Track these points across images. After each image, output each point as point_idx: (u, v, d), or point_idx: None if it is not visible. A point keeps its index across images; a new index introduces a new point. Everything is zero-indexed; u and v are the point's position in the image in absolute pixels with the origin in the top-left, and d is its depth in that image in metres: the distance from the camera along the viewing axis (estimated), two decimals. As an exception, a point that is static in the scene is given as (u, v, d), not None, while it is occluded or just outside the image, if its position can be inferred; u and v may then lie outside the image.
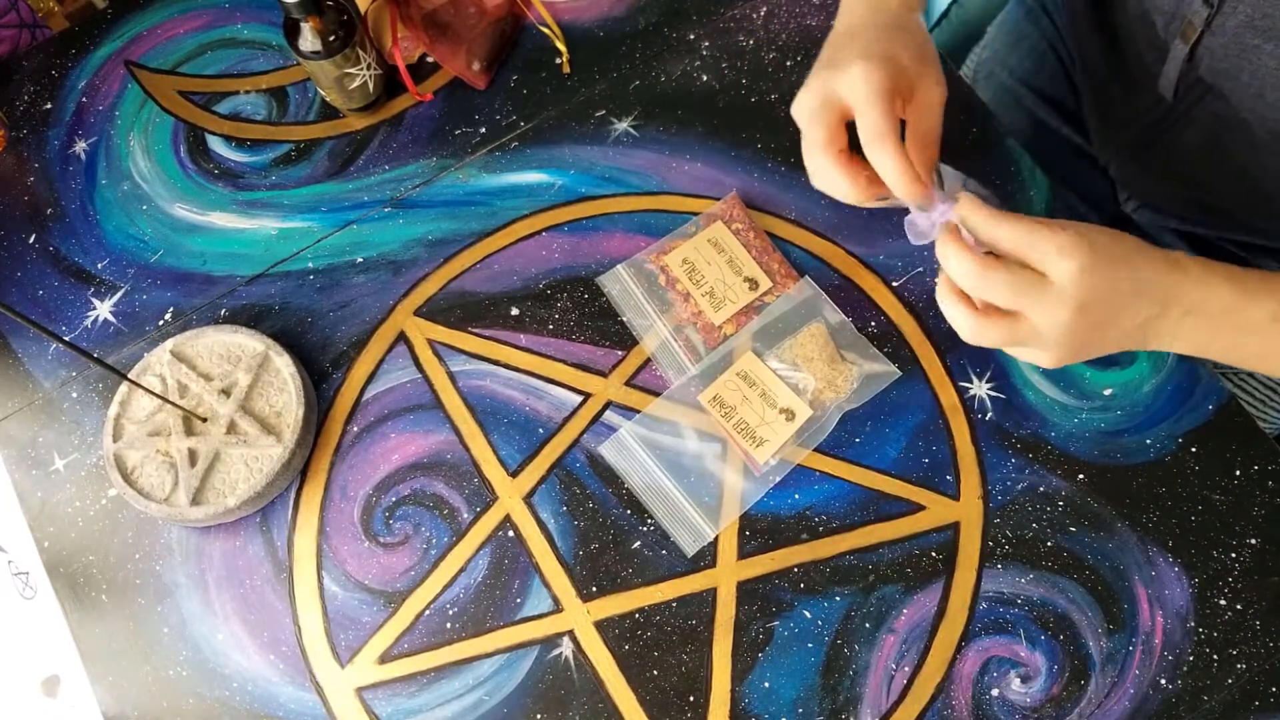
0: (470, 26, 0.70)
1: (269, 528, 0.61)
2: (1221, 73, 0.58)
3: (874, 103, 0.51)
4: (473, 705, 0.56)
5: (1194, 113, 0.65)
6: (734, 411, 0.60)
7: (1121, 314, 0.49)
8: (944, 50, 0.85)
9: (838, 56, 0.55)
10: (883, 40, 0.54)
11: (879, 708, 0.55)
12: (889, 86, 0.51)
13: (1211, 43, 0.57)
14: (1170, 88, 0.64)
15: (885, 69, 0.51)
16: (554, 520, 0.60)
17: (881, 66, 0.51)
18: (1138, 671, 0.55)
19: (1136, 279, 0.49)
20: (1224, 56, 0.57)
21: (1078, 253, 0.47)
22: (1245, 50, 0.55)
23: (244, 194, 0.70)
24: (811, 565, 0.58)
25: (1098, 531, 0.58)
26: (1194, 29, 0.58)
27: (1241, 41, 0.55)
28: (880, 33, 0.55)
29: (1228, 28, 0.55)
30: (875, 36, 0.55)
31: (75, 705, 0.58)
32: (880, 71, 0.51)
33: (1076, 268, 0.47)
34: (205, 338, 0.62)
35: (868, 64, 0.51)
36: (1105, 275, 0.47)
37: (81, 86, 0.74)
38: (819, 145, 0.54)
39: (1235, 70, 0.56)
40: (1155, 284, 0.49)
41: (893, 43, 0.54)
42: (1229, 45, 0.56)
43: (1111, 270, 0.48)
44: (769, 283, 0.63)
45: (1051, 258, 0.47)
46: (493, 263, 0.66)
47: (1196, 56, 0.59)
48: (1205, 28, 0.57)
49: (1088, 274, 0.47)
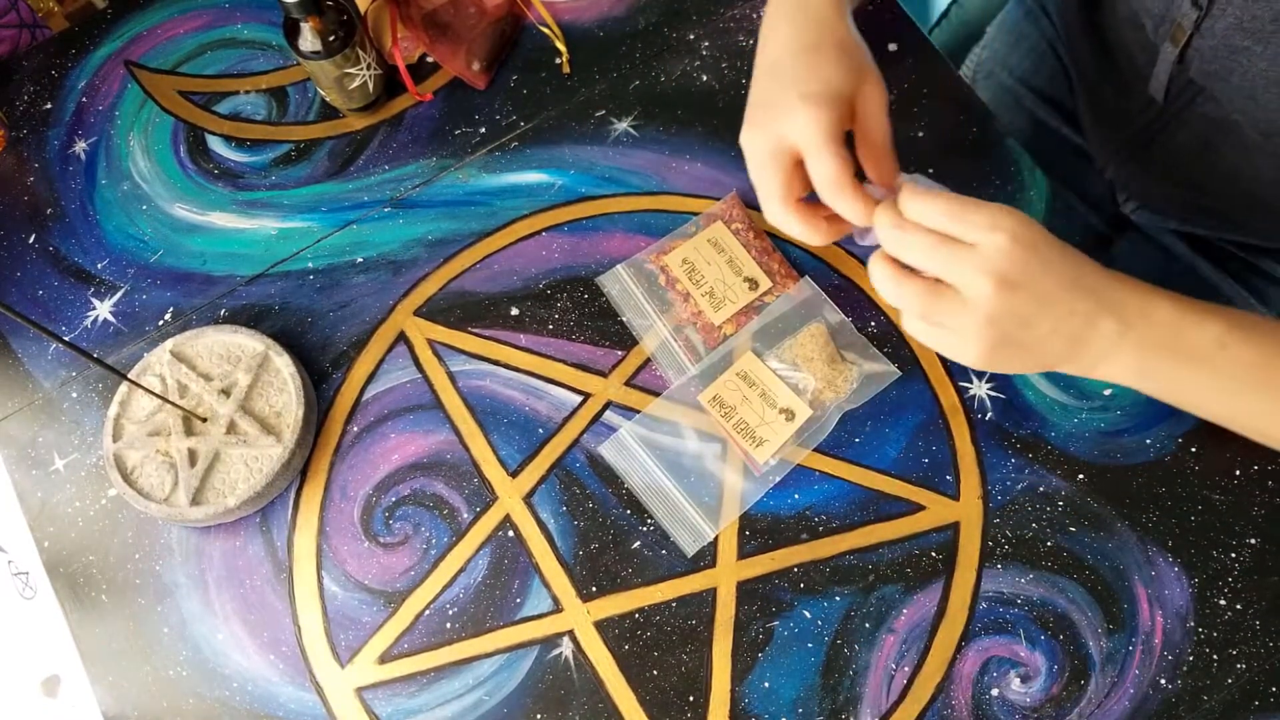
0: (470, 26, 0.70)
1: (269, 528, 0.61)
2: (1211, 75, 0.58)
3: (824, 147, 0.49)
4: (473, 705, 0.56)
5: (1185, 115, 0.64)
6: (734, 411, 0.60)
7: (1053, 305, 0.47)
8: (944, 50, 0.85)
9: (775, 95, 0.53)
10: (816, 69, 0.52)
11: (879, 708, 0.55)
12: (836, 126, 0.50)
13: (1201, 45, 0.57)
14: (1161, 89, 0.64)
15: (828, 108, 0.50)
16: (554, 520, 0.60)
17: (824, 106, 0.50)
18: (1138, 671, 0.55)
19: (1072, 272, 0.47)
20: (1213, 59, 0.56)
21: (1009, 223, 0.45)
22: (1234, 52, 0.55)
23: (244, 194, 0.70)
24: (811, 565, 0.58)
25: (1098, 531, 0.58)
26: (1183, 32, 0.57)
27: (1230, 44, 0.55)
28: (810, 61, 0.53)
29: (1216, 30, 0.55)
30: (807, 65, 0.53)
31: (75, 705, 0.58)
32: (824, 112, 0.49)
33: (1006, 239, 0.45)
34: (205, 338, 0.62)
35: (810, 106, 0.50)
36: (1037, 254, 0.46)
37: (81, 86, 0.74)
38: (776, 199, 0.52)
39: (1225, 72, 0.56)
40: (1092, 283, 0.47)
41: (826, 68, 0.52)
42: (1218, 48, 0.56)
43: (1044, 251, 0.46)
44: (769, 283, 0.63)
45: (980, 229, 0.45)
46: (493, 263, 0.66)
47: (1186, 59, 0.59)
48: (1194, 30, 0.57)
49: (1017, 246, 0.45)
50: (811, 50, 0.53)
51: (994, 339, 0.48)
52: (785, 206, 0.52)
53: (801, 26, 0.54)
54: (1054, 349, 0.49)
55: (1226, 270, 0.76)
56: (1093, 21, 0.71)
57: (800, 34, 0.54)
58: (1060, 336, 0.48)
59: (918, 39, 0.70)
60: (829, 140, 0.49)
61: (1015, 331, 0.47)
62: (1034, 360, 0.49)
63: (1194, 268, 0.77)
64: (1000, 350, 0.48)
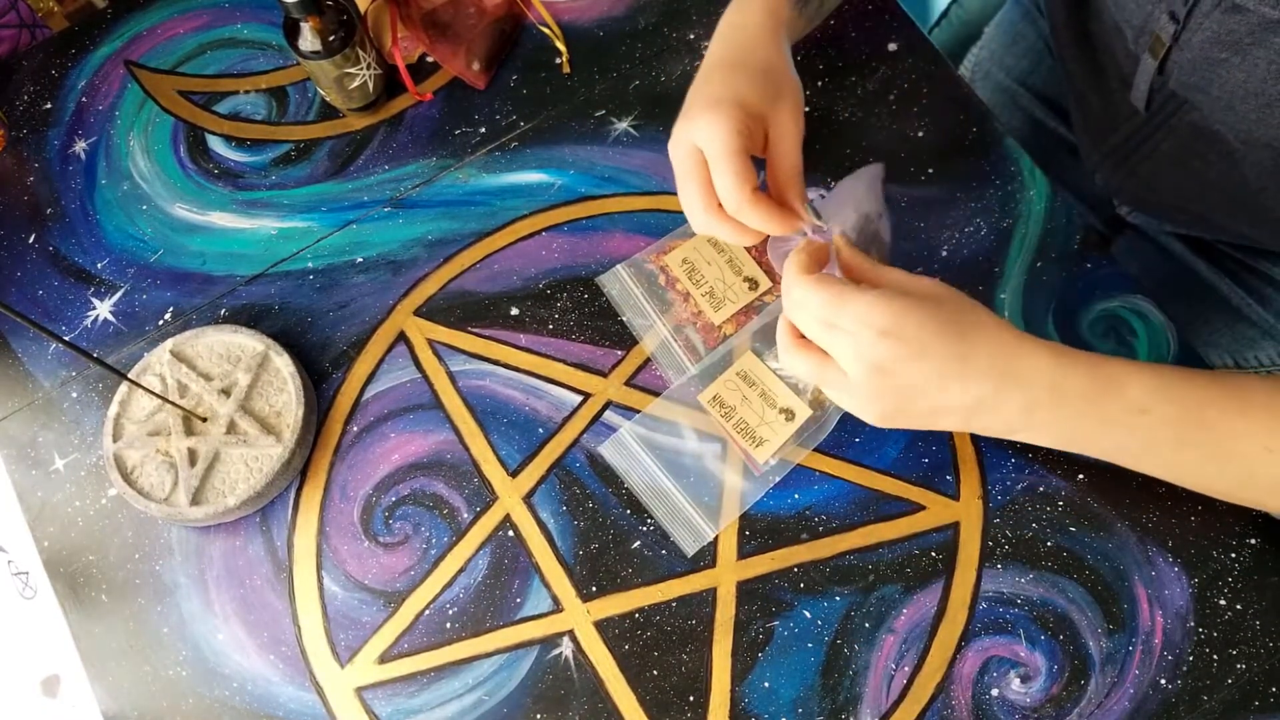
0: (470, 26, 0.70)
1: (269, 528, 0.61)
2: (1191, 86, 0.58)
3: (723, 158, 0.50)
4: (472, 705, 0.56)
5: (1170, 123, 0.64)
6: (734, 411, 0.60)
7: (935, 387, 0.48)
8: (943, 50, 0.85)
9: (691, 103, 0.54)
10: (729, 83, 0.53)
11: (879, 708, 0.55)
12: (736, 134, 0.51)
13: (1180, 58, 0.57)
14: (1142, 100, 0.64)
15: (728, 114, 0.51)
16: (554, 520, 0.60)
17: (724, 111, 0.51)
18: (1137, 671, 0.55)
19: (958, 355, 0.47)
20: (1192, 71, 0.56)
21: (878, 320, 0.47)
22: (1213, 64, 0.55)
23: (244, 194, 0.70)
24: (811, 565, 0.58)
25: (1097, 531, 0.58)
26: (1161, 44, 0.57)
27: (1208, 56, 0.54)
28: (727, 75, 0.54)
29: (1194, 43, 0.55)
30: (722, 79, 0.54)
31: (75, 705, 0.58)
32: (725, 118, 0.51)
33: (873, 334, 0.47)
34: (205, 337, 0.62)
35: (711, 111, 0.51)
36: (908, 345, 0.47)
37: (81, 86, 0.74)
38: (698, 206, 0.53)
39: (1204, 84, 0.56)
40: (987, 364, 0.48)
41: (738, 85, 0.53)
42: (1196, 60, 0.56)
43: (919, 341, 0.47)
44: (769, 282, 0.63)
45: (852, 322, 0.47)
46: (492, 263, 0.66)
47: (1166, 70, 0.59)
48: (1173, 43, 0.56)
49: (885, 340, 0.47)
50: (731, 66, 0.55)
51: (884, 411, 0.50)
52: (706, 214, 0.54)
53: (731, 45, 0.56)
54: (951, 422, 0.50)
55: (1224, 270, 0.76)
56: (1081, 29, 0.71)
57: (727, 52, 0.56)
58: (959, 413, 0.49)
59: (918, 39, 0.70)
60: (728, 150, 0.50)
61: (905, 406, 0.49)
62: (937, 426, 0.51)
63: (1192, 268, 0.77)
64: (896, 418, 0.50)
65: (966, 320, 0.48)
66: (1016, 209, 0.65)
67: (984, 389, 0.48)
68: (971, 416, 0.50)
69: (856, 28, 0.71)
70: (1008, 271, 0.64)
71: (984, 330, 0.48)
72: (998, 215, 0.65)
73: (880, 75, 0.69)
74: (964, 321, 0.48)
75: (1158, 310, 0.62)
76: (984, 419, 0.50)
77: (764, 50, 0.56)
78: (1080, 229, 0.65)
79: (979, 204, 0.66)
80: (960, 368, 0.48)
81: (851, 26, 0.71)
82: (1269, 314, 0.74)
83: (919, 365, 0.47)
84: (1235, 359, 0.77)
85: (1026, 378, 0.48)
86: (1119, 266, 0.64)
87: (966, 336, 0.48)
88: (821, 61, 0.70)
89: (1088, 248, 0.64)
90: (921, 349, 0.47)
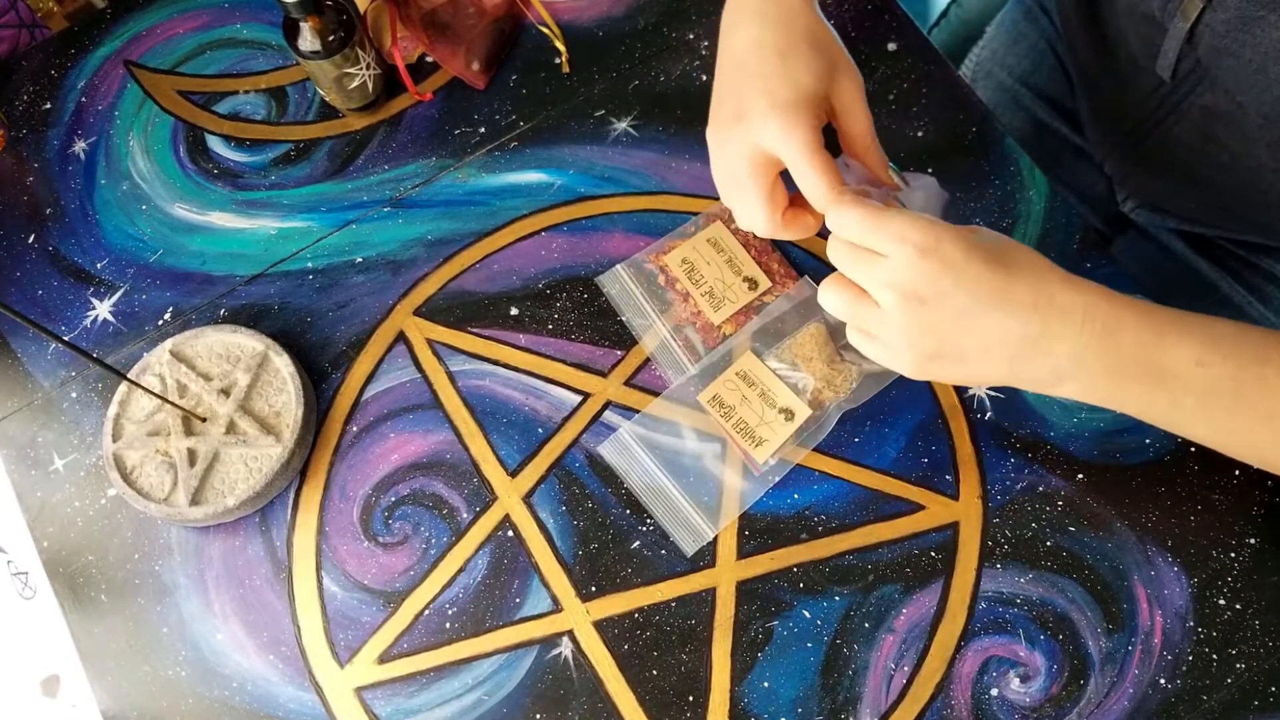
0: (470, 26, 0.70)
1: (268, 528, 0.61)
2: (1221, 51, 0.56)
3: (808, 161, 0.48)
4: (472, 705, 0.56)
5: (1185, 105, 0.64)
6: (733, 411, 0.60)
7: (974, 321, 0.45)
8: (944, 50, 0.85)
9: (746, 100, 0.50)
10: (786, 72, 0.50)
11: (878, 707, 0.55)
12: (813, 133, 0.48)
13: (1213, 19, 0.55)
14: (1169, 68, 0.62)
15: (803, 114, 0.48)
16: (553, 520, 0.60)
17: (799, 113, 0.48)
18: (1137, 671, 0.55)
19: (1000, 288, 0.44)
20: (1225, 32, 0.55)
21: (916, 236, 0.44)
22: (1248, 23, 0.53)
23: (243, 194, 0.70)
24: (811, 565, 0.58)
25: (1097, 531, 0.58)
26: (1195, 5, 0.56)
27: (1244, 14, 0.53)
28: (780, 63, 0.50)
29: (1230, 2, 0.54)
30: (777, 69, 0.50)
31: (75, 705, 0.58)
32: (800, 120, 0.48)
33: (912, 252, 0.44)
34: (205, 338, 0.62)
35: (784, 115, 0.48)
36: (947, 269, 0.44)
37: (81, 86, 0.74)
38: (763, 215, 0.51)
39: (1236, 46, 0.55)
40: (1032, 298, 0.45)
41: (797, 70, 0.50)
42: (1231, 20, 0.54)
43: (959, 266, 0.44)
44: (768, 283, 0.63)
45: (889, 240, 0.45)
46: (492, 263, 0.66)
47: (1196, 35, 0.58)
48: (1207, 3, 0.55)
49: (923, 260, 0.44)
50: (781, 52, 0.51)
51: (919, 353, 0.47)
52: (773, 221, 0.52)
53: (771, 25, 0.52)
54: (993, 368, 0.47)
55: (1225, 269, 0.75)
56: (1092, 14, 0.71)
57: (767, 32, 0.51)
58: (997, 356, 0.46)
59: (918, 39, 0.70)
60: (810, 152, 0.48)
61: (939, 347, 0.46)
62: (976, 376, 0.48)
63: (1193, 266, 0.77)
64: (932, 364, 0.47)
65: (1008, 252, 0.46)
66: (1016, 209, 0.65)
67: (1027, 326, 0.45)
68: (1015, 361, 0.46)
69: (856, 28, 0.71)
70: (1007, 271, 0.64)
71: (1026, 261, 0.46)
72: (998, 215, 0.65)
73: (880, 75, 0.69)
74: (1005, 252, 0.46)
75: (1157, 310, 0.62)
76: (1028, 365, 0.46)
77: (806, 20, 0.52)
78: (1080, 229, 0.65)
79: (979, 204, 0.66)
80: (1000, 298, 0.45)
81: (851, 26, 0.71)
82: (1270, 312, 0.74)
83: (956, 292, 0.44)
84: None
85: (1074, 316, 0.45)
86: (1119, 266, 0.64)
87: (1008, 265, 0.45)
88: (821, 61, 0.70)
89: (1088, 248, 0.64)
90: (959, 273, 0.44)
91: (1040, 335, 0.45)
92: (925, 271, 0.44)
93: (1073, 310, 0.45)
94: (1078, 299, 0.45)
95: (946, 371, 0.48)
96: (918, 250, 0.44)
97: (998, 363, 0.47)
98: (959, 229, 0.45)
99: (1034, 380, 0.48)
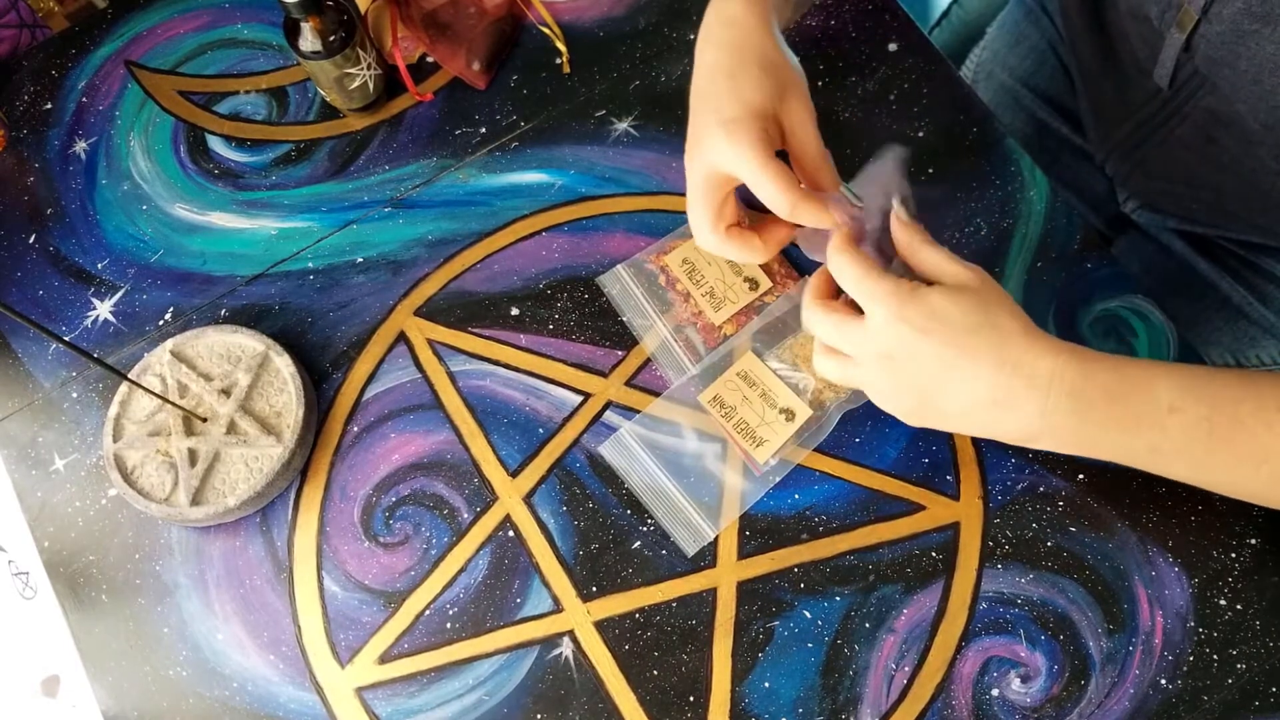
0: (470, 26, 0.70)
1: (269, 528, 0.61)
2: (1217, 61, 0.57)
3: (760, 170, 0.50)
4: (473, 705, 0.56)
5: (1187, 107, 0.64)
6: (734, 411, 0.60)
7: (949, 378, 0.48)
8: (944, 50, 0.85)
9: (699, 123, 0.53)
10: (735, 92, 0.52)
11: (879, 708, 0.55)
12: (761, 146, 0.50)
13: (1208, 30, 0.57)
14: (1166, 77, 0.63)
15: (748, 129, 0.50)
16: (554, 520, 0.60)
17: (743, 128, 0.50)
18: (1138, 671, 0.55)
19: (972, 347, 0.47)
20: (1220, 44, 0.56)
21: (892, 301, 0.47)
22: (1242, 36, 0.54)
23: (244, 194, 0.70)
24: (811, 565, 0.58)
25: (1098, 531, 0.58)
26: (1190, 17, 0.57)
27: (1239, 28, 0.54)
28: (729, 83, 0.53)
29: (1225, 15, 0.55)
30: (727, 90, 0.52)
31: (75, 705, 0.58)
32: (745, 135, 0.50)
33: (883, 314, 0.47)
34: (205, 338, 0.62)
35: (729, 132, 0.50)
36: (915, 331, 0.47)
37: (81, 86, 0.74)
38: (706, 228, 0.54)
39: (1232, 58, 0.56)
40: (1013, 356, 0.47)
41: (745, 90, 0.52)
42: (1226, 33, 0.55)
43: (927, 327, 0.47)
44: (769, 283, 0.63)
45: (868, 299, 0.48)
46: (493, 263, 0.66)
47: (1193, 45, 0.59)
48: (1202, 16, 0.56)
49: (893, 324, 0.47)
50: (730, 73, 0.53)
51: (906, 407, 0.50)
52: (715, 234, 0.54)
53: (724, 49, 0.54)
54: (971, 426, 0.50)
55: (1225, 268, 0.76)
56: (1095, 15, 0.71)
57: (723, 57, 0.54)
58: (973, 416, 0.49)
59: (918, 39, 0.70)
60: (760, 161, 0.50)
61: (920, 403, 0.49)
62: (962, 429, 0.51)
63: (1193, 266, 0.77)
64: (922, 416, 0.51)
65: (981, 314, 0.48)
66: (1016, 209, 0.65)
67: (993, 390, 0.47)
68: (989, 423, 0.49)
69: (856, 28, 0.71)
70: (1008, 271, 0.64)
71: (992, 326, 0.48)
72: (998, 215, 0.65)
73: (880, 75, 0.69)
74: (977, 314, 0.48)
75: (1158, 310, 0.62)
76: (1000, 424, 0.49)
77: (759, 45, 0.54)
78: (1080, 229, 0.65)
79: (979, 204, 0.66)
80: (965, 362, 0.47)
81: (851, 26, 0.71)
82: (1270, 312, 0.74)
83: (922, 356, 0.47)
84: (1236, 357, 0.77)
85: (1040, 376, 0.47)
86: (1119, 266, 0.64)
87: (973, 330, 0.47)
88: (821, 62, 0.70)
89: (1088, 248, 0.64)
90: (923, 338, 0.47)
91: (1006, 398, 0.48)
92: (894, 335, 0.48)
93: (1037, 374, 0.47)
94: (1043, 362, 0.47)
95: (937, 424, 0.51)
96: (889, 314, 0.48)
97: (975, 421, 0.50)
98: (943, 289, 0.48)
99: (1011, 436, 0.50)
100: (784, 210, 0.51)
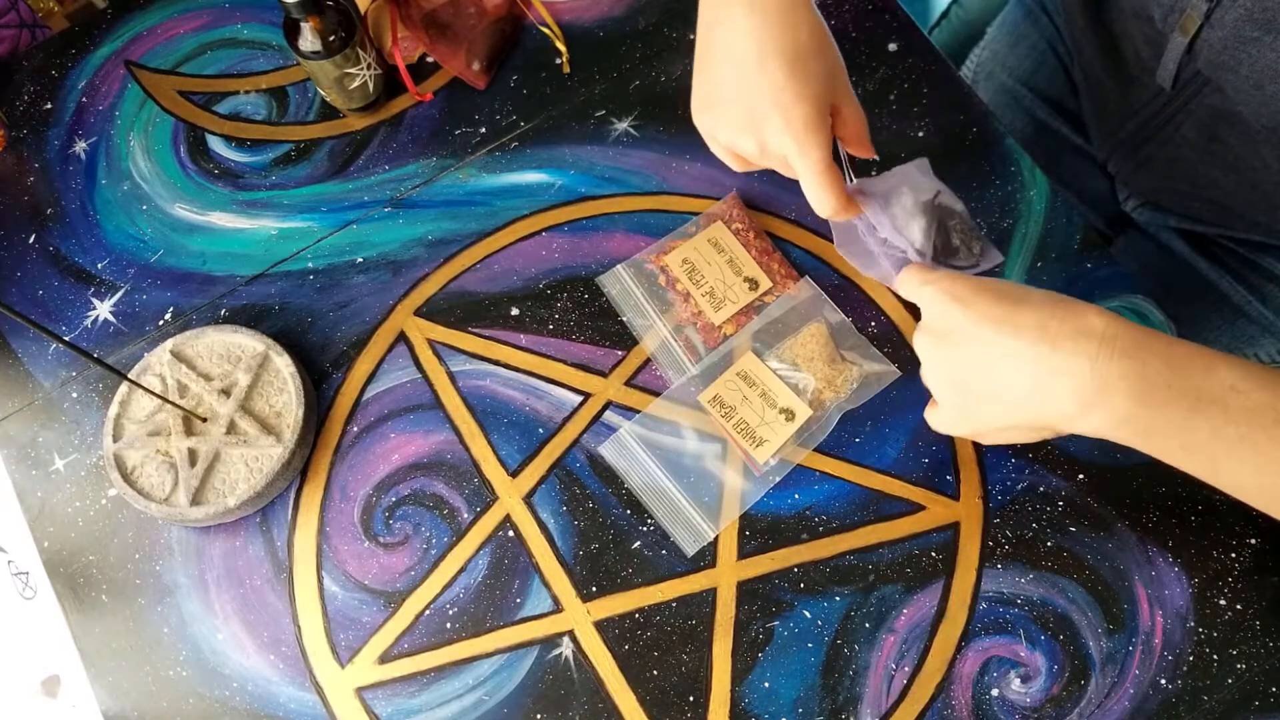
0: (470, 26, 0.70)
1: (269, 528, 0.61)
2: (1219, 66, 0.58)
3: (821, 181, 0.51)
4: (473, 705, 0.56)
5: (1190, 106, 0.64)
6: (734, 411, 0.60)
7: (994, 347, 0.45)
8: (944, 50, 0.85)
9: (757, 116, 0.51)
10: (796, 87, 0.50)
11: (879, 708, 0.55)
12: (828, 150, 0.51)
13: (1210, 36, 0.57)
14: (1169, 79, 0.63)
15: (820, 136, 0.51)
16: (554, 520, 0.60)
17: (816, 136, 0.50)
18: (1138, 671, 0.55)
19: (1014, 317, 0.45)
20: (1222, 49, 0.56)
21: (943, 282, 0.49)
22: (1244, 43, 0.55)
23: (244, 194, 0.70)
24: (811, 565, 0.58)
25: (1098, 531, 0.58)
26: (1193, 22, 0.57)
27: (1241, 34, 0.54)
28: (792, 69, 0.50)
29: (1227, 21, 0.55)
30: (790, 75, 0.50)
31: (75, 705, 0.58)
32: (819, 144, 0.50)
33: (931, 292, 0.49)
34: (205, 338, 0.62)
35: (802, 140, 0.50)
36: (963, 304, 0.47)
37: (81, 86, 0.74)
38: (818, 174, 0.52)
39: (1234, 63, 0.56)
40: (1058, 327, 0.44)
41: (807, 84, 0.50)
42: (1228, 39, 0.56)
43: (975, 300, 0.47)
44: (769, 283, 0.63)
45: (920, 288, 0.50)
46: (493, 263, 0.66)
47: (1195, 49, 0.59)
48: (1204, 21, 0.57)
49: (940, 299, 0.48)
50: (788, 57, 0.50)
51: (953, 392, 0.50)
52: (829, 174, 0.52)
53: (769, 19, 0.50)
54: (1017, 405, 0.46)
55: (1225, 268, 0.76)
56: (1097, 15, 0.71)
57: (768, 29, 0.50)
58: (1017, 387, 0.45)
59: (918, 39, 0.70)
60: (823, 172, 0.51)
61: (966, 384, 0.49)
62: (1007, 415, 0.47)
63: (1193, 265, 0.77)
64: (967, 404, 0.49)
65: (1022, 289, 0.48)
66: (1017, 209, 0.65)
67: (1036, 346, 0.44)
68: (1034, 392, 0.44)
69: (856, 28, 0.71)
70: (1008, 271, 0.64)
71: (1039, 295, 0.46)
72: (998, 215, 0.65)
73: (880, 75, 0.69)
74: (1018, 289, 0.48)
75: (1158, 310, 0.62)
76: (1048, 391, 0.44)
77: (805, 18, 0.51)
78: (1080, 229, 0.65)
79: (979, 204, 0.66)
80: (1007, 324, 0.45)
81: (851, 26, 0.71)
82: (1269, 310, 0.74)
83: (966, 324, 0.47)
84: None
85: (1089, 337, 0.43)
86: (1119, 266, 0.64)
87: (1017, 299, 0.46)
88: (822, 61, 0.70)
89: (1088, 248, 0.64)
90: (967, 307, 0.47)
91: (1052, 354, 0.44)
92: (941, 311, 0.49)
93: (1087, 332, 0.43)
94: (1094, 320, 0.44)
95: (982, 410, 0.48)
96: (934, 294, 0.49)
97: (1020, 395, 0.45)
98: (980, 279, 0.49)
99: (1060, 411, 0.45)
100: (826, 215, 0.52)
